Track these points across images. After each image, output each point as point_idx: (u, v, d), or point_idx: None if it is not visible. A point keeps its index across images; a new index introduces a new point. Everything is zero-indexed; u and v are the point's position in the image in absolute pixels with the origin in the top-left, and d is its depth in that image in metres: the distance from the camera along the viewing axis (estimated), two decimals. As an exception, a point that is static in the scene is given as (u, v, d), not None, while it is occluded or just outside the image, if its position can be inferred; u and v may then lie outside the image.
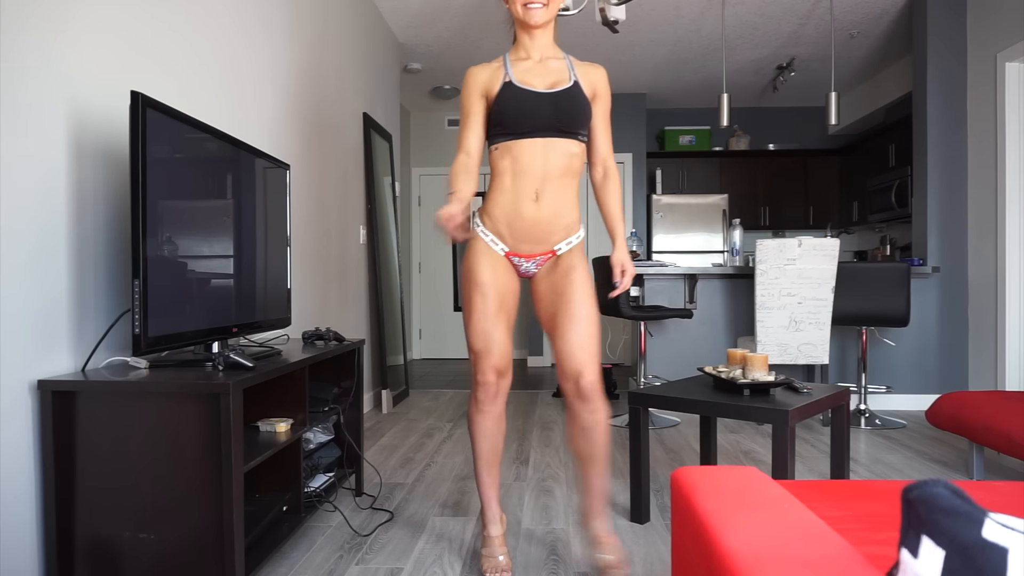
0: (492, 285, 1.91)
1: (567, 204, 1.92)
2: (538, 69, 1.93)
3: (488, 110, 1.94)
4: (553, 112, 1.87)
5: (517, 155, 1.88)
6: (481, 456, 1.99)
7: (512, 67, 1.93)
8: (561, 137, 1.89)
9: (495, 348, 1.89)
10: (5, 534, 1.53)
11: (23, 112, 1.58)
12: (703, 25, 5.04)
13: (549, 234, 1.92)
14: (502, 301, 1.92)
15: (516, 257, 1.96)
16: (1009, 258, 3.92)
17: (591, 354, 1.88)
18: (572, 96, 1.89)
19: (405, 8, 4.70)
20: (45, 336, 1.64)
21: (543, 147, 1.87)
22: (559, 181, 1.90)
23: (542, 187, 1.88)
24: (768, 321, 3.61)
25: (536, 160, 1.87)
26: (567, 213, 1.93)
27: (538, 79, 1.91)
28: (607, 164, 2.04)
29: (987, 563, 0.52)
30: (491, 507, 2.02)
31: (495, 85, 1.92)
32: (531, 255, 1.95)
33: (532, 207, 1.88)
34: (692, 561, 0.97)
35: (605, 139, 2.03)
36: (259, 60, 2.81)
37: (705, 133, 6.98)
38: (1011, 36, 3.88)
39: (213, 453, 1.56)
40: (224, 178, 1.97)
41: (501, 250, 1.95)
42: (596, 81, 1.97)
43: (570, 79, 1.92)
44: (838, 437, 2.36)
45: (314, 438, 2.43)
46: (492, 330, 1.89)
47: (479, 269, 1.92)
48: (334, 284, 3.73)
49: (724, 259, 6.63)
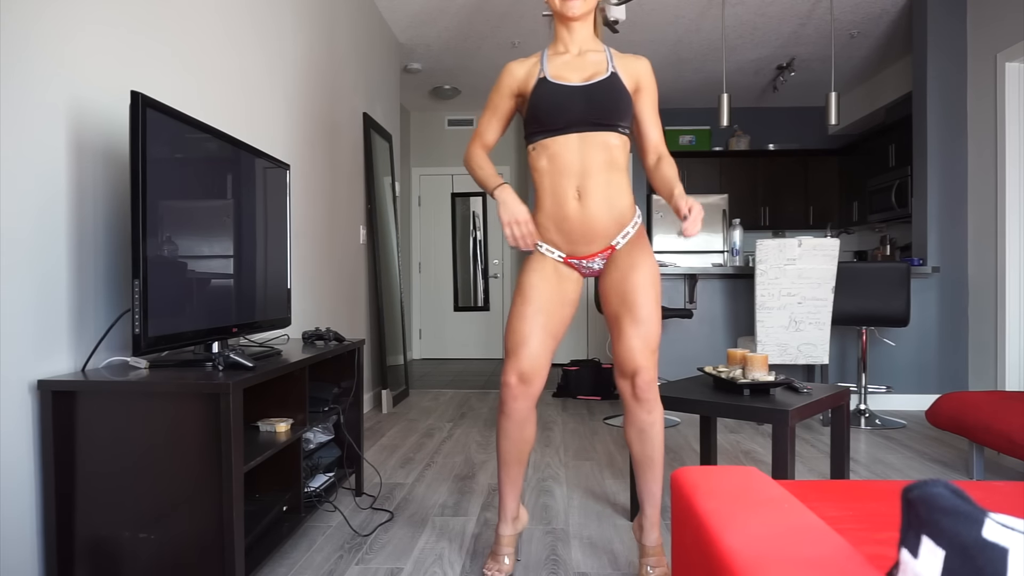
0: (536, 288, 1.88)
1: (615, 197, 1.84)
2: (576, 63, 1.88)
3: (523, 108, 1.92)
4: (586, 105, 1.81)
5: (553, 153, 1.83)
6: (501, 455, 1.94)
7: (549, 62, 1.89)
8: (598, 131, 1.82)
9: (523, 351, 1.84)
10: (5, 533, 1.53)
11: (23, 112, 1.58)
12: (703, 25, 5.03)
13: (602, 231, 1.85)
14: (543, 306, 1.87)
15: (576, 260, 1.90)
16: (1009, 258, 3.92)
17: (649, 354, 1.84)
18: (608, 87, 1.82)
19: (405, 8, 4.70)
20: (45, 336, 1.64)
21: (579, 142, 1.81)
22: (601, 176, 1.82)
23: (583, 184, 1.82)
24: (768, 321, 3.61)
25: (573, 156, 1.82)
26: (616, 205, 1.85)
27: (575, 73, 1.86)
28: (660, 151, 1.95)
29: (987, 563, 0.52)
30: (505, 505, 1.96)
31: (531, 82, 1.89)
32: (591, 255, 1.89)
33: (576, 206, 1.83)
34: (692, 561, 0.97)
35: (655, 128, 1.95)
36: (259, 60, 2.81)
37: (705, 133, 6.98)
38: (1011, 36, 3.88)
39: (213, 453, 1.56)
40: (224, 178, 1.97)
41: (559, 256, 1.90)
42: (639, 72, 1.91)
43: (607, 70, 1.86)
44: (838, 437, 2.36)
45: (314, 438, 2.43)
46: (525, 332, 1.85)
47: (526, 274, 1.92)
48: (334, 284, 3.73)
49: (724, 259, 6.63)
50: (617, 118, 1.83)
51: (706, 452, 2.69)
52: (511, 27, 5.04)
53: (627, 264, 1.87)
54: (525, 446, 1.93)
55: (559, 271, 1.91)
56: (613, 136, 1.83)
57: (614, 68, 1.87)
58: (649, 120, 1.95)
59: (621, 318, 1.86)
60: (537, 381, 1.86)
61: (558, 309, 1.89)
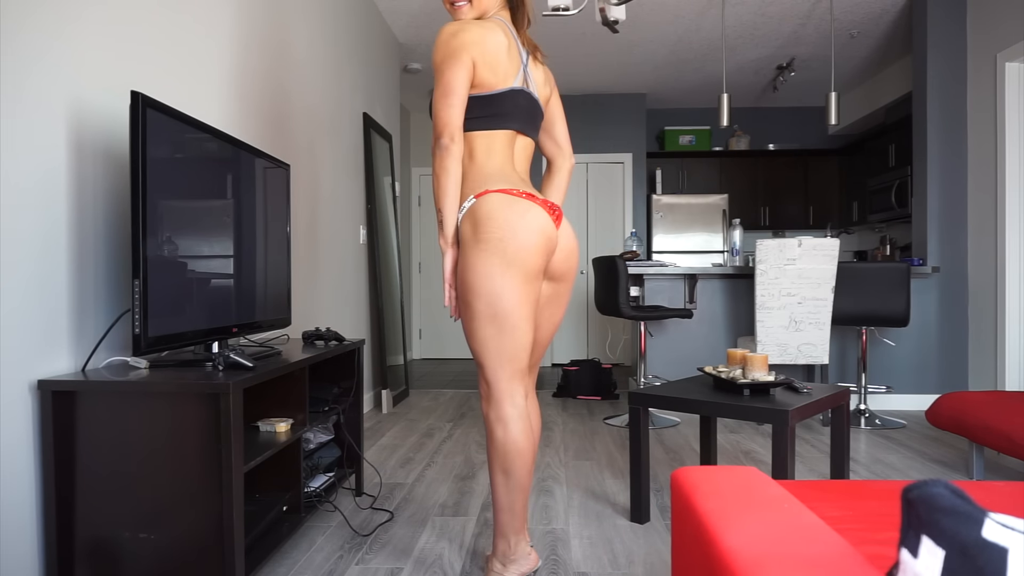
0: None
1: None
2: None
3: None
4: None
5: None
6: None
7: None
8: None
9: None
10: (5, 534, 1.53)
11: (23, 112, 1.58)
12: (703, 25, 5.04)
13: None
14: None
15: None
16: (1009, 258, 3.92)
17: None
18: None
19: (405, 8, 4.70)
20: (45, 336, 1.64)
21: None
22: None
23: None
24: (768, 321, 3.61)
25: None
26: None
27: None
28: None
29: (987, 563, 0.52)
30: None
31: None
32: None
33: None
34: (692, 561, 0.97)
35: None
36: (259, 60, 2.81)
37: (705, 133, 6.98)
38: (1011, 36, 3.88)
39: (213, 453, 1.56)
40: (224, 178, 1.97)
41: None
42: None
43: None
44: (838, 437, 2.36)
45: (314, 438, 2.43)
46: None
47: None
48: (334, 284, 3.73)
49: (724, 259, 6.63)
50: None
51: (706, 452, 2.69)
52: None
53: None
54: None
55: None
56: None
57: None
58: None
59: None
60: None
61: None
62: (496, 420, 1.73)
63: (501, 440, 1.72)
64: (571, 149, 2.04)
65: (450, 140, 1.70)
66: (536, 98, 1.87)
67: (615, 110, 6.76)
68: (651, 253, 6.75)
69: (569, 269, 1.86)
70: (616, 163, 6.85)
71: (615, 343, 6.83)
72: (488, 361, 1.72)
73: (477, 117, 1.78)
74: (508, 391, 1.73)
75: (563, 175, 2.03)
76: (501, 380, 1.72)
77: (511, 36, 1.81)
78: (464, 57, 1.71)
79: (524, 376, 1.76)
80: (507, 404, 1.72)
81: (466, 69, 1.72)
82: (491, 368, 1.72)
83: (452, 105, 1.70)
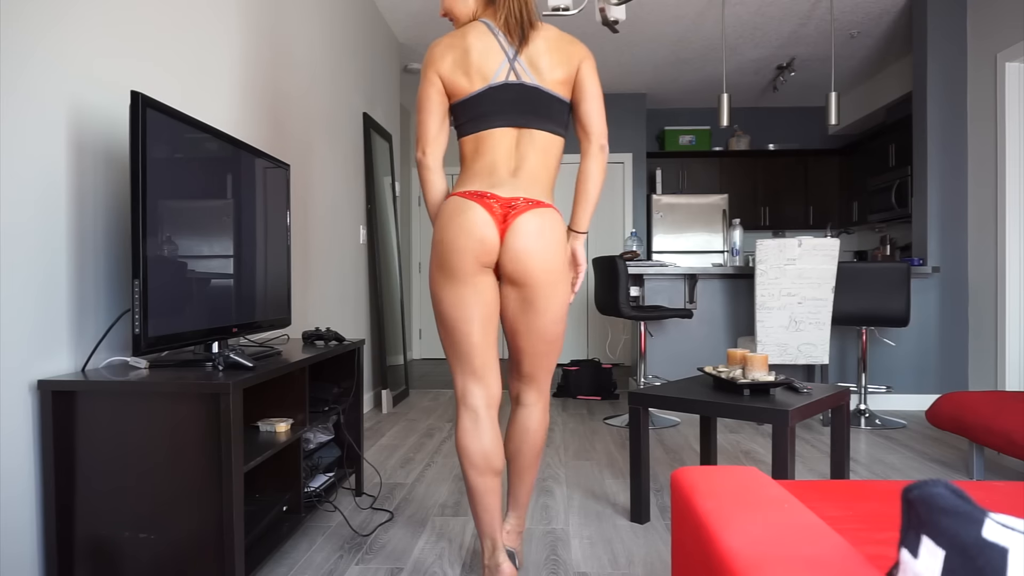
0: None
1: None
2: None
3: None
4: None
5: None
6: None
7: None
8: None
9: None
10: (5, 534, 1.53)
11: (23, 112, 1.58)
12: (703, 25, 5.04)
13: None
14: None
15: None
16: (1009, 258, 3.92)
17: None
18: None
19: (405, 8, 4.70)
20: (45, 336, 1.64)
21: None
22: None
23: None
24: (768, 321, 3.61)
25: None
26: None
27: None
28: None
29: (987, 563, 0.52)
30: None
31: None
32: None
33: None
34: (692, 561, 0.97)
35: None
36: (259, 60, 2.81)
37: (705, 133, 6.98)
38: (1011, 36, 3.88)
39: (213, 453, 1.56)
40: (224, 178, 1.97)
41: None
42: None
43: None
44: (838, 437, 2.36)
45: (314, 438, 2.43)
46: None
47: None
48: (334, 284, 3.73)
49: (724, 259, 6.63)
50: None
51: (706, 452, 2.69)
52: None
53: None
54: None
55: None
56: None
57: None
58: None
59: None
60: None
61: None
62: (456, 422, 1.84)
63: (455, 439, 1.83)
64: (601, 128, 1.82)
65: (422, 154, 1.81)
66: (532, 86, 1.75)
67: (615, 110, 6.76)
68: (651, 253, 6.75)
69: (522, 273, 1.71)
70: (616, 163, 6.85)
71: (615, 343, 6.83)
72: (448, 360, 1.84)
73: (462, 123, 1.80)
74: (461, 391, 1.81)
75: (588, 160, 1.83)
76: (456, 380, 1.82)
77: (491, 34, 1.77)
78: (429, 74, 1.79)
79: (476, 378, 1.79)
80: (460, 407, 1.81)
81: (432, 85, 1.78)
82: (451, 367, 1.84)
83: (421, 121, 1.80)
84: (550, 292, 1.75)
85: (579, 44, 1.83)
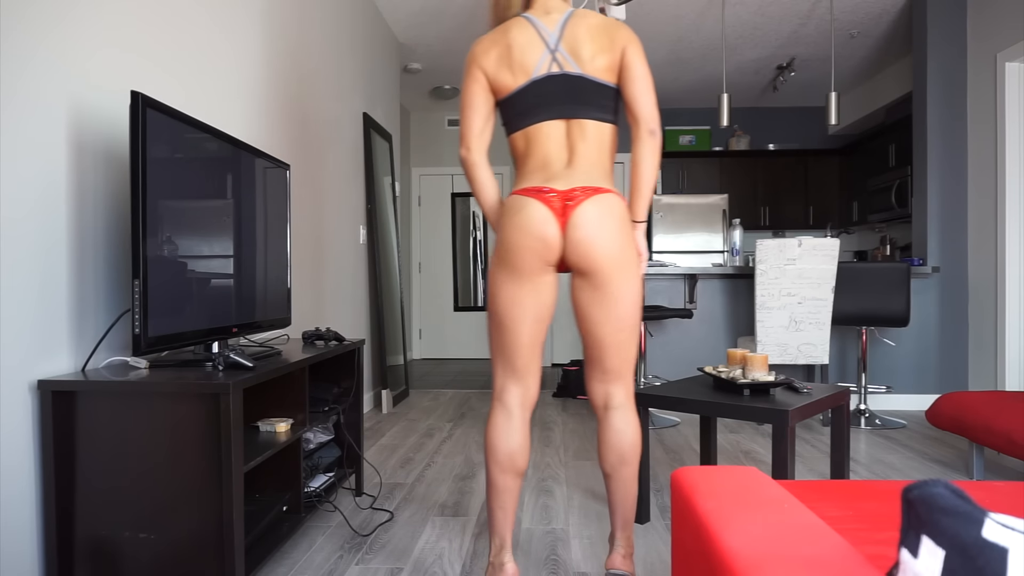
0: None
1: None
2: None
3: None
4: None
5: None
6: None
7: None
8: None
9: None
10: (5, 534, 1.53)
11: (23, 112, 1.58)
12: (703, 25, 5.03)
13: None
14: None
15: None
16: (1009, 258, 3.92)
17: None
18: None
19: (405, 8, 4.70)
20: (45, 336, 1.64)
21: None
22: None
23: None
24: (768, 321, 3.61)
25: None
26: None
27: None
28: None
29: (987, 563, 0.52)
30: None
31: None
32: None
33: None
34: (692, 561, 0.97)
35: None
36: (259, 60, 2.81)
37: (705, 133, 6.98)
38: (1011, 36, 3.88)
39: (213, 453, 1.56)
40: (224, 178, 1.97)
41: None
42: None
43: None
44: (838, 437, 2.36)
45: (314, 438, 2.43)
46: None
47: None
48: (334, 284, 3.73)
49: (724, 259, 6.63)
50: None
51: (706, 452, 2.69)
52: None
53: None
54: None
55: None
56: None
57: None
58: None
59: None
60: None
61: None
62: (488, 416, 1.83)
63: (484, 434, 1.84)
64: (652, 113, 1.76)
65: (466, 151, 1.81)
66: (575, 75, 1.73)
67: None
68: (651, 253, 6.75)
69: (588, 262, 1.69)
70: (616, 163, 6.85)
71: (615, 343, 6.81)
72: (491, 355, 1.84)
73: (509, 119, 1.80)
74: (499, 388, 1.81)
75: (638, 146, 1.77)
76: (496, 376, 1.82)
77: (531, 28, 1.76)
78: (473, 71, 1.80)
79: (517, 377, 1.79)
80: (495, 401, 1.82)
81: (476, 81, 1.79)
82: (493, 362, 1.84)
83: (466, 118, 1.80)
84: (620, 277, 1.71)
85: (623, 28, 1.78)
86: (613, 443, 1.80)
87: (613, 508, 1.84)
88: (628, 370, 1.82)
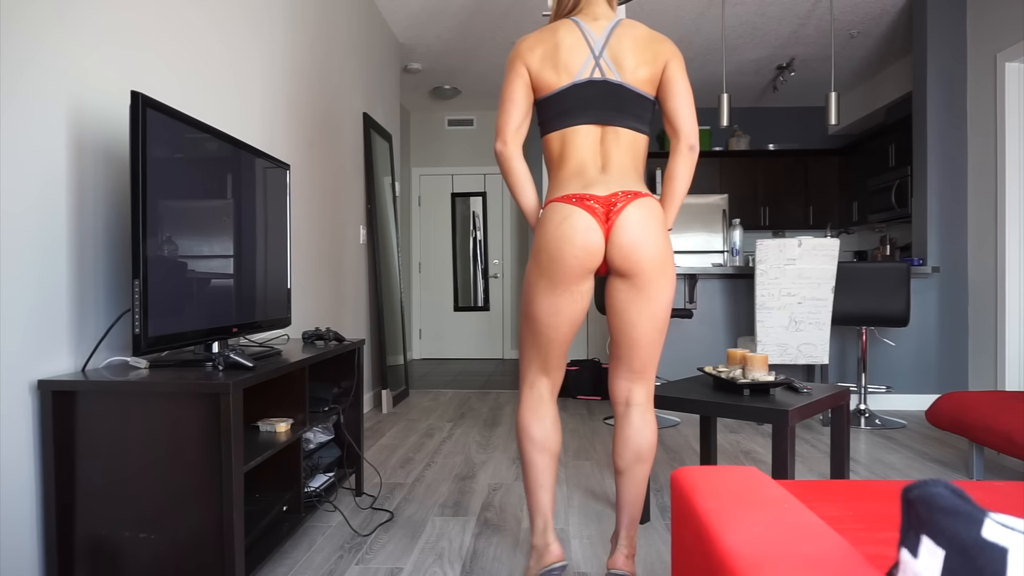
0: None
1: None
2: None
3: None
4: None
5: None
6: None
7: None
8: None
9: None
10: (5, 534, 1.53)
11: (23, 112, 1.58)
12: (703, 25, 5.03)
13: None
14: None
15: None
16: (1009, 258, 3.92)
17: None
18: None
19: (405, 8, 4.70)
20: (45, 336, 1.64)
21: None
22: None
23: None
24: (768, 321, 3.61)
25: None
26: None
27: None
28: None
29: (987, 563, 0.52)
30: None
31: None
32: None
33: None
34: (692, 561, 0.97)
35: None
36: (259, 60, 2.81)
37: (705, 133, 6.98)
38: (1011, 36, 3.88)
39: (213, 453, 1.56)
40: (224, 178, 1.97)
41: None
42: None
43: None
44: (838, 437, 2.36)
45: (314, 438, 2.43)
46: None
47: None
48: (334, 284, 3.73)
49: (724, 259, 6.63)
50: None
51: (706, 452, 2.69)
52: (511, 27, 5.04)
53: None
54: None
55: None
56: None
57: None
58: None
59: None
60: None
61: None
62: (519, 402, 1.89)
63: (517, 419, 1.89)
64: (692, 128, 1.80)
65: (503, 145, 1.80)
66: (616, 83, 1.75)
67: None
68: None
69: (633, 264, 1.71)
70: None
71: (615, 343, 6.82)
72: (521, 352, 1.91)
73: (547, 119, 1.81)
74: (529, 380, 1.88)
75: (676, 159, 1.81)
76: (527, 371, 1.88)
77: (579, 30, 1.77)
78: (516, 66, 1.80)
79: (548, 370, 1.87)
80: (525, 388, 1.89)
81: (520, 77, 1.80)
82: (522, 358, 1.91)
83: (505, 112, 1.80)
84: (661, 278, 1.74)
85: (667, 42, 1.82)
86: (631, 440, 1.84)
87: (621, 506, 1.86)
88: (652, 370, 1.87)
